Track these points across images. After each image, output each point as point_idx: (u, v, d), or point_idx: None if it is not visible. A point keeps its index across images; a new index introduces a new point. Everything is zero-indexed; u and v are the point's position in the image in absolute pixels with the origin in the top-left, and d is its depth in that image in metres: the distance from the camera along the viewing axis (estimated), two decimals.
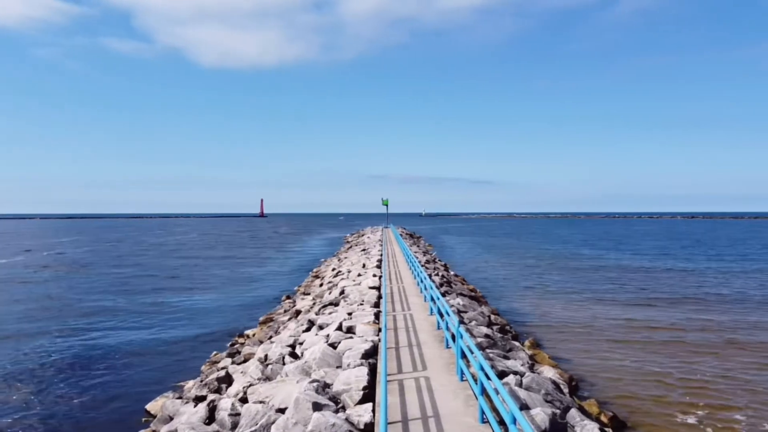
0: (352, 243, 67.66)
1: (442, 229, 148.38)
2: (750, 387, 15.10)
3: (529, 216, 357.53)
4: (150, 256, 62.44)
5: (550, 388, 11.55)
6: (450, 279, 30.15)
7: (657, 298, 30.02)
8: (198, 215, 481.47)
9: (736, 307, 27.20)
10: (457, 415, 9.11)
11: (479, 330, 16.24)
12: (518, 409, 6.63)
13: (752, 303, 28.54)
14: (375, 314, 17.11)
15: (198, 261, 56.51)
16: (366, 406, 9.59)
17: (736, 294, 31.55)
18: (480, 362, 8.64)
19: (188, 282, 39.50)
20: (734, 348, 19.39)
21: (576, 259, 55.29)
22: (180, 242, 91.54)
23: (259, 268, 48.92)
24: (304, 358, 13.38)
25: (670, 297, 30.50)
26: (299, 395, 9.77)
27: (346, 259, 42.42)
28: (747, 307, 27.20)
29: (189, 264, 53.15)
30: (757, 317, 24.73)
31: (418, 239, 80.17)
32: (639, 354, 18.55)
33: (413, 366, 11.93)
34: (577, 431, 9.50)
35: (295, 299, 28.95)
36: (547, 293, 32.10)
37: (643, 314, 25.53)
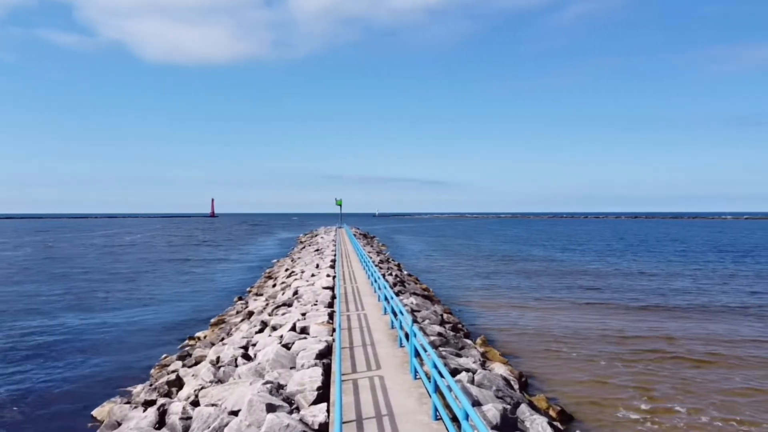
0: (305, 243, 67.22)
1: (395, 229, 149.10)
2: (690, 383, 15.82)
3: (481, 216, 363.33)
4: (93, 259, 60.41)
5: (501, 384, 11.83)
6: (403, 278, 30.36)
7: (604, 296, 31.03)
8: (145, 215, 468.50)
9: (680, 305, 28.39)
10: (410, 413, 9.22)
11: (432, 329, 16.44)
12: (471, 405, 6.77)
13: (694, 301, 29.83)
14: (329, 314, 17.10)
15: (145, 263, 55.03)
16: (320, 407, 9.59)
17: (679, 292, 32.92)
18: (433, 360, 8.78)
19: (134, 284, 38.43)
20: (677, 344, 20.25)
21: (525, 258, 56.55)
22: (126, 243, 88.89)
23: (209, 269, 48.04)
24: (257, 359, 13.25)
25: (616, 294, 31.58)
26: (253, 397, 9.69)
27: (300, 260, 42.15)
28: (689, 305, 28.43)
29: (136, 266, 51.70)
30: (699, 315, 25.88)
31: (371, 239, 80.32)
32: (586, 350, 19.15)
33: (367, 365, 11.99)
34: (527, 425, 9.76)
35: (248, 300, 28.58)
36: (498, 292, 32.73)
37: (591, 312, 26.36)
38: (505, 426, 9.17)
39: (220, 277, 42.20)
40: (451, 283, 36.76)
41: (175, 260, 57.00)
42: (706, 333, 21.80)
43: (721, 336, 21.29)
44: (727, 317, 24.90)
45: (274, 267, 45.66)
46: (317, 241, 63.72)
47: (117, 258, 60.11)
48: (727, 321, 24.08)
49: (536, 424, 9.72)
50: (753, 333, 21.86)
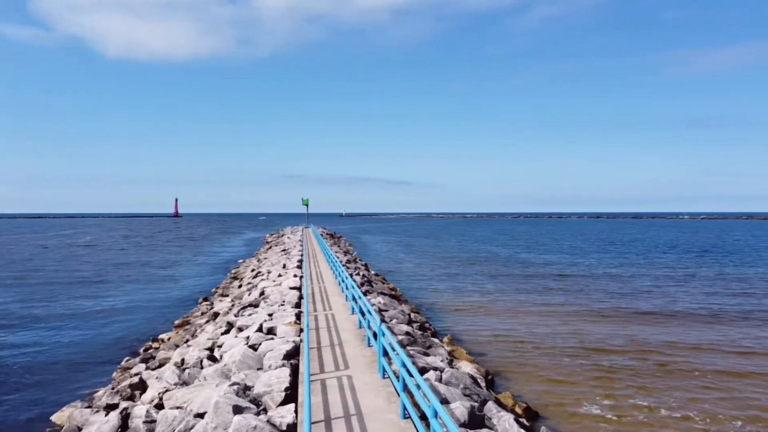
0: (271, 243, 66.62)
1: (362, 229, 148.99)
2: (652, 380, 16.23)
3: (447, 216, 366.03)
4: (53, 260, 58.70)
5: (468, 382, 11.93)
6: (371, 278, 30.37)
7: (568, 295, 31.59)
8: (107, 215, 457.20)
9: (642, 305, 29.09)
10: (379, 411, 9.22)
11: (400, 328, 16.48)
12: (440, 403, 6.80)
13: (656, 300, 30.62)
14: (296, 315, 16.98)
15: (108, 264, 53.72)
16: (288, 407, 9.51)
17: (641, 292, 33.73)
18: (402, 359, 8.79)
19: (96, 286, 37.48)
20: (639, 343, 20.75)
21: (491, 258, 57.19)
22: (87, 244, 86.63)
23: (173, 270, 47.17)
24: (223, 360, 13.07)
25: (580, 294, 32.18)
26: (219, 399, 9.55)
27: (266, 260, 41.75)
28: (652, 305, 29.16)
29: (97, 267, 50.43)
30: (661, 315, 26.57)
31: (338, 239, 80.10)
32: (551, 348, 19.47)
33: (336, 365, 11.95)
34: (495, 423, 9.86)
35: (213, 301, 28.18)
36: (464, 291, 33.01)
37: (555, 310, 26.80)
38: (472, 423, 9.25)
39: (184, 278, 41.48)
40: (418, 283, 36.91)
41: (137, 262, 55.81)
42: (667, 331, 22.39)
43: (681, 334, 21.89)
44: (688, 316, 25.62)
45: (239, 267, 45.11)
46: (284, 241, 63.23)
47: (75, 260, 58.51)
48: (687, 320, 24.78)
49: (503, 421, 9.83)
50: (712, 333, 22.55)
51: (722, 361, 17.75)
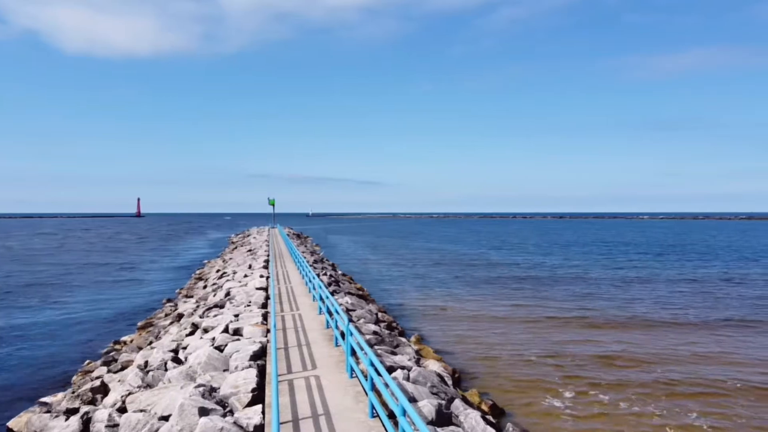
0: (237, 244, 65.84)
1: (329, 229, 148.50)
2: (613, 367, 16.63)
3: (413, 216, 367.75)
4: (9, 261, 56.84)
5: (436, 380, 12.03)
6: (338, 278, 30.30)
7: (533, 293, 32.09)
8: (66, 215, 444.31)
9: (605, 303, 29.74)
10: (347, 411, 9.22)
11: (367, 327, 16.51)
12: (408, 401, 6.85)
13: (619, 296, 31.34)
14: (263, 315, 16.84)
15: (66, 265, 52.29)
16: (255, 408, 9.43)
17: (604, 289, 34.49)
18: (370, 358, 8.81)
19: (54, 288, 36.44)
20: (602, 339, 21.23)
21: (457, 257, 57.69)
22: (46, 245, 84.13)
23: (135, 271, 46.21)
24: (188, 362, 12.87)
25: (545, 291, 32.73)
26: (184, 401, 9.41)
27: (232, 260, 41.25)
28: (614, 302, 29.83)
29: (56, 269, 49.04)
30: (623, 312, 27.21)
31: (305, 239, 79.67)
32: (516, 346, 19.76)
33: (303, 365, 11.90)
34: (461, 420, 9.97)
35: (177, 302, 27.71)
36: (431, 290, 33.22)
37: (520, 308, 27.20)
38: (440, 421, 9.34)
39: (146, 279, 40.67)
40: (385, 283, 36.99)
41: (98, 263, 54.49)
42: (626, 329, 22.96)
43: (641, 331, 22.48)
44: (648, 314, 26.30)
45: (204, 268, 44.47)
46: (249, 241, 62.57)
47: (32, 261, 56.78)
48: (647, 318, 25.43)
49: (470, 418, 9.95)
50: (671, 333, 23.21)
51: (679, 361, 18.28)
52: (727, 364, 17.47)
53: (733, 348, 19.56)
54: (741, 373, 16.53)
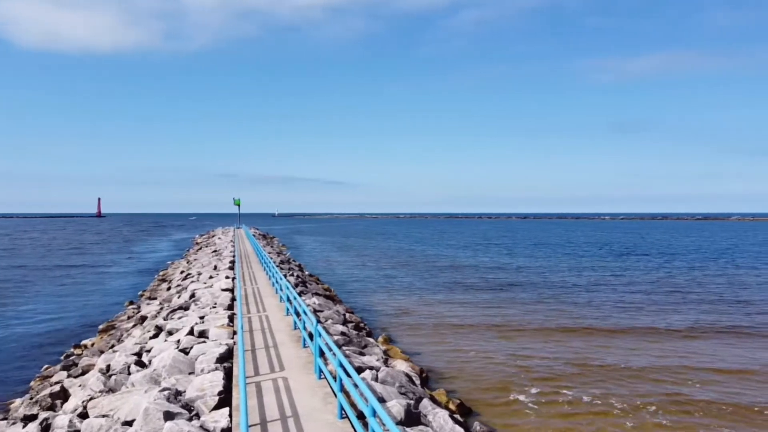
0: (202, 244, 64.86)
1: (295, 229, 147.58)
2: (579, 367, 16.96)
3: (381, 216, 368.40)
4: None
5: (404, 380, 12.08)
6: (305, 279, 30.14)
7: (499, 292, 32.47)
8: (22, 215, 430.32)
9: (569, 299, 30.29)
10: (316, 412, 9.18)
11: (335, 328, 16.47)
12: (377, 401, 6.86)
13: (583, 294, 31.96)
14: (229, 317, 16.64)
15: (23, 268, 50.67)
16: (222, 411, 9.31)
17: (569, 286, 35.12)
18: (339, 359, 8.80)
19: (12, 292, 35.27)
20: (567, 335, 21.62)
21: (424, 257, 58.01)
22: (1, 246, 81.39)
23: (96, 273, 45.08)
24: (152, 366, 12.63)
25: (511, 290, 33.15)
26: (149, 405, 9.23)
27: (196, 261, 40.62)
28: (579, 298, 30.41)
29: (11, 272, 47.48)
30: (587, 308, 27.76)
31: (271, 239, 78.98)
32: (483, 345, 19.97)
33: (271, 367, 11.80)
34: (430, 419, 10.04)
35: (140, 305, 27.15)
36: (398, 290, 33.32)
37: (486, 307, 27.50)
38: (408, 421, 9.38)
39: (108, 281, 39.72)
40: (352, 283, 36.95)
41: (56, 265, 52.97)
42: (593, 324, 23.44)
43: (606, 332, 22.96)
44: (612, 316, 26.89)
45: (168, 269, 43.67)
46: (215, 242, 61.73)
47: None
48: (612, 320, 26.00)
49: (438, 417, 10.02)
50: (633, 323, 23.78)
51: (643, 362, 18.76)
52: (690, 369, 18.01)
53: (694, 350, 20.17)
54: (701, 373, 17.07)
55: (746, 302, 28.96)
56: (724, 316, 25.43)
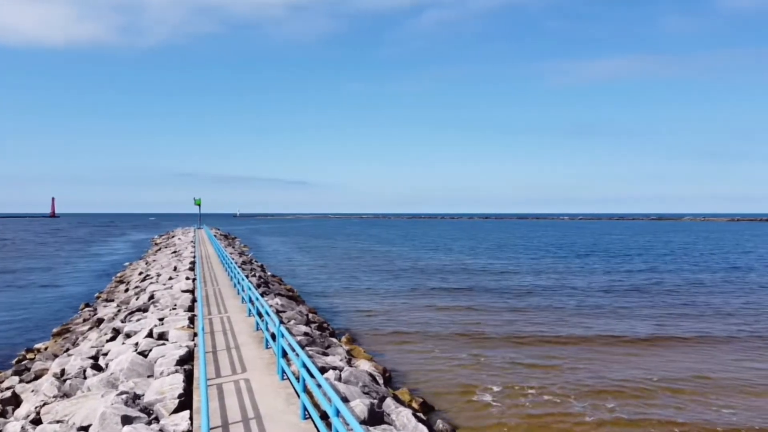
0: (161, 245, 63.54)
1: (257, 230, 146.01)
2: (539, 367, 17.27)
3: (344, 216, 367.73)
4: None
5: (367, 380, 12.09)
6: (267, 279, 29.85)
7: (460, 292, 32.81)
8: None
9: (532, 299, 30.80)
10: (279, 413, 9.11)
11: (298, 329, 16.37)
12: (341, 401, 6.85)
13: (546, 294, 32.54)
14: (190, 318, 16.35)
15: None
16: (183, 414, 9.15)
17: (530, 286, 35.71)
18: (302, 359, 8.75)
19: None
20: (526, 333, 21.98)
21: (387, 257, 58.16)
22: None
23: (50, 275, 43.67)
24: (109, 369, 12.31)
25: (472, 290, 33.52)
26: (106, 409, 8.99)
27: (155, 262, 39.78)
28: (541, 298, 30.95)
29: None
30: (547, 308, 28.27)
31: (233, 240, 77.95)
32: (445, 343, 20.15)
33: (233, 369, 11.65)
34: (393, 418, 10.08)
35: (97, 307, 26.43)
36: (361, 290, 33.33)
37: (448, 307, 27.75)
38: (372, 420, 9.39)
39: (63, 284, 38.53)
40: (315, 284, 36.78)
41: (7, 268, 51.10)
42: (550, 322, 23.90)
43: (567, 331, 23.44)
44: (572, 315, 27.47)
45: (126, 271, 42.65)
46: (174, 242, 60.57)
47: None
48: (572, 319, 26.55)
49: (401, 416, 10.07)
50: (593, 324, 24.35)
51: (603, 361, 19.23)
52: (645, 367, 18.53)
53: (654, 353, 20.77)
54: (658, 372, 17.60)
55: (705, 304, 30.03)
56: (685, 320, 26.27)
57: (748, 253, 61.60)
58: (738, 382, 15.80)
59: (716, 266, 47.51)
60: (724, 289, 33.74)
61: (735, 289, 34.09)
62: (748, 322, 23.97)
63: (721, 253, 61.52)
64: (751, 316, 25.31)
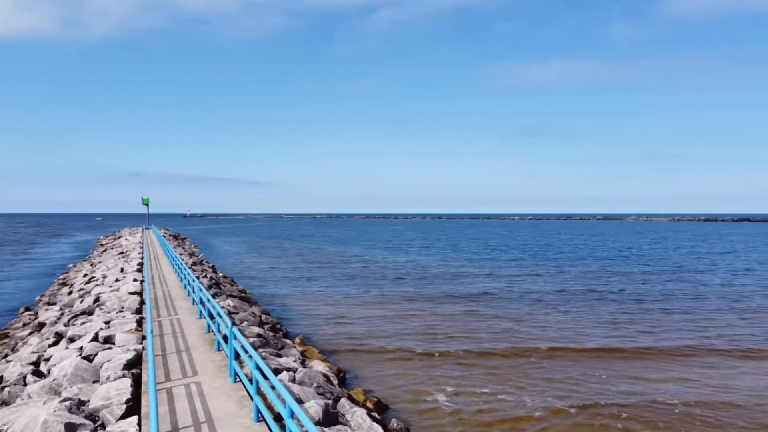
0: (107, 246, 61.53)
1: (209, 230, 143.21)
2: (493, 362, 17.55)
3: (297, 217, 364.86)
4: None
5: (322, 381, 12.03)
6: (219, 281, 29.31)
7: (413, 292, 33.01)
8: None
9: (486, 297, 31.25)
10: (231, 416, 8.95)
11: (251, 330, 16.14)
12: (296, 403, 6.78)
13: (501, 294, 33.07)
14: (137, 321, 15.88)
15: None
16: (130, 420, 8.87)
17: (484, 285, 36.23)
18: (256, 361, 8.62)
19: None
20: (483, 333, 22.29)
21: (339, 257, 58.02)
22: None
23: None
24: (52, 375, 11.83)
25: (425, 289, 33.78)
26: (48, 417, 8.64)
27: (101, 264, 38.48)
28: (495, 297, 31.44)
29: None
30: (494, 304, 28.74)
31: (183, 240, 76.21)
32: (398, 343, 20.23)
33: (183, 372, 11.38)
34: (348, 418, 10.05)
35: (37, 310, 25.35)
36: (314, 291, 33.13)
37: (402, 307, 27.89)
38: (327, 421, 9.34)
39: (1, 286, 36.78)
40: (268, 285, 36.34)
41: None
42: (507, 322, 24.32)
43: (519, 325, 23.89)
44: (525, 309, 28.02)
45: (69, 273, 41.09)
46: (121, 243, 58.76)
47: None
48: (524, 313, 27.08)
49: (356, 416, 10.05)
50: (550, 318, 24.90)
51: (555, 347, 19.69)
52: (598, 368, 19.07)
53: (594, 337, 21.39)
54: (598, 360, 18.15)
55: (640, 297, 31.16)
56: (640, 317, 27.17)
57: (695, 253, 64.40)
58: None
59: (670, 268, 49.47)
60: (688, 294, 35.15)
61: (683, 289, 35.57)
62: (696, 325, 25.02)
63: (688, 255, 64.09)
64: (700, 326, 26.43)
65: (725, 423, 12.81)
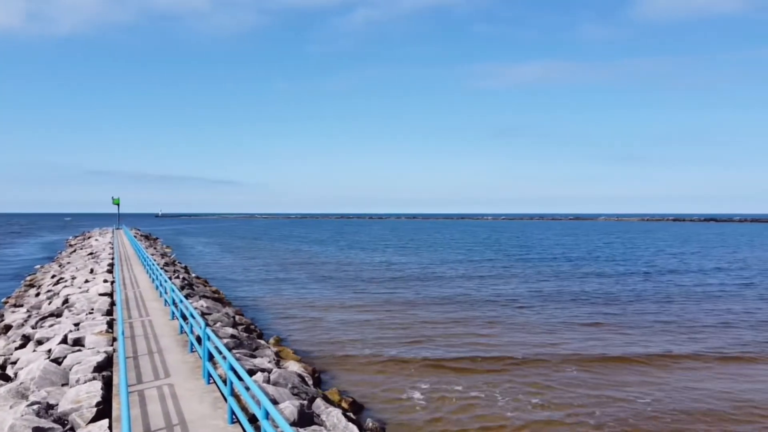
0: (76, 246, 60.27)
1: (181, 230, 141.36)
2: (467, 361, 17.67)
3: (271, 217, 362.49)
4: None
5: (297, 381, 11.97)
6: (192, 281, 28.95)
7: (389, 291, 33.06)
8: None
9: (460, 295, 31.44)
10: (205, 418, 8.86)
11: (225, 331, 15.98)
12: (271, 403, 6.74)
13: (476, 292, 33.29)
14: (108, 323, 15.59)
15: None
16: (101, 424, 8.71)
17: (460, 284, 36.45)
18: (230, 362, 8.55)
19: None
20: (458, 331, 22.41)
21: (313, 257, 57.81)
22: None
23: None
24: (18, 378, 11.56)
25: (400, 289, 33.85)
26: (15, 421, 8.44)
27: (70, 265, 37.69)
28: (472, 295, 31.64)
29: None
30: (469, 302, 28.95)
31: (155, 241, 75.08)
32: (373, 343, 20.23)
33: (155, 374, 11.22)
34: (323, 419, 10.02)
35: (3, 313, 24.71)
36: (288, 291, 32.94)
37: (376, 306, 27.90)
38: (302, 421, 9.30)
39: None
40: (241, 285, 36.03)
41: None
42: (482, 320, 24.51)
43: (492, 327, 24.09)
44: (498, 306, 28.26)
45: (37, 274, 40.14)
46: (91, 243, 57.63)
47: None
48: (499, 314, 27.31)
49: (332, 416, 10.04)
50: (525, 320, 25.15)
51: (528, 347, 19.91)
52: (567, 360, 19.32)
53: (566, 340, 21.70)
54: (574, 363, 18.41)
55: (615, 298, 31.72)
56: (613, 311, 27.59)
57: (675, 254, 65.71)
58: None
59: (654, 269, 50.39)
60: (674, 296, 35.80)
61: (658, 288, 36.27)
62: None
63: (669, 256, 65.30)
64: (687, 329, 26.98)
65: (698, 429, 13.01)
